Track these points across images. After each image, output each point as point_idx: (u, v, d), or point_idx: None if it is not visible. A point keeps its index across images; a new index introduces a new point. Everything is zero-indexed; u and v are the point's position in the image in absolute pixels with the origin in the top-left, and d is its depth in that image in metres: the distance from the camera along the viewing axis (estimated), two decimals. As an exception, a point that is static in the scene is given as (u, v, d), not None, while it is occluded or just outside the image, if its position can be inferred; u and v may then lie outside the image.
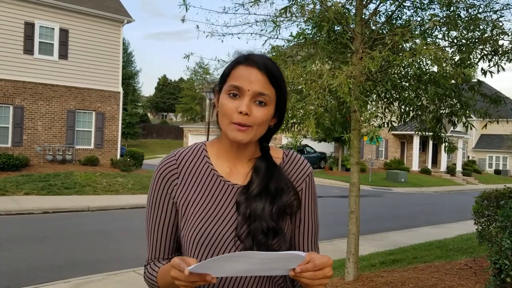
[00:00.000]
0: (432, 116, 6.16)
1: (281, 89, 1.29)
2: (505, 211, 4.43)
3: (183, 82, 60.35)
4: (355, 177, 5.80)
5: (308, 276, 1.08)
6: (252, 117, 1.23)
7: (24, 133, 17.38)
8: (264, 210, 1.25)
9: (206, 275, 1.04)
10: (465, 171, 34.89)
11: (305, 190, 1.38)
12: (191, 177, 1.33)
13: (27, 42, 17.31)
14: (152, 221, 1.35)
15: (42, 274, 6.44)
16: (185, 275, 1.04)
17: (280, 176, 1.33)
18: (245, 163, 1.35)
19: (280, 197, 1.29)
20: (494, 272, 3.98)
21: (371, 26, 5.86)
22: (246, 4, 5.72)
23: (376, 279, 5.70)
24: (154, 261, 1.36)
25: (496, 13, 5.46)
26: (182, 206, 1.31)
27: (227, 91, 1.26)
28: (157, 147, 46.94)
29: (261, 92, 1.24)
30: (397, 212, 15.30)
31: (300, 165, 1.39)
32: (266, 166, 1.32)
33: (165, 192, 1.33)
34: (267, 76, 1.25)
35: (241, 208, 1.27)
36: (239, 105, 1.23)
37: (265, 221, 1.24)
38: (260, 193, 1.28)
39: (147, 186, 16.49)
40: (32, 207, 11.98)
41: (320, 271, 1.09)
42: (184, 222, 1.30)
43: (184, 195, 1.31)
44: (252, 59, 1.26)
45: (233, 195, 1.30)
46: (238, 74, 1.26)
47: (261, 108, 1.25)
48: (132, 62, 53.22)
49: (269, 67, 1.27)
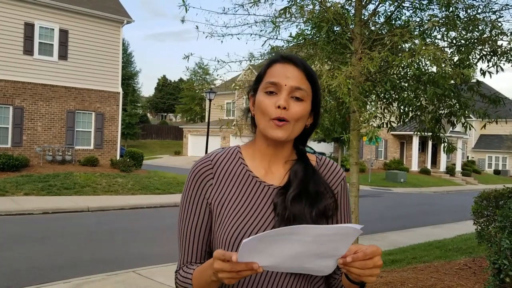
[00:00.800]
0: (431, 117, 6.17)
1: (316, 86, 1.31)
2: (504, 211, 4.44)
3: (183, 83, 60.36)
4: (355, 177, 5.81)
5: (358, 265, 1.05)
6: (290, 112, 1.24)
7: (24, 133, 17.39)
8: (304, 213, 1.25)
9: (253, 263, 1.00)
10: (464, 171, 34.90)
11: (341, 194, 1.39)
12: (226, 178, 1.32)
13: (27, 42, 17.32)
14: (185, 223, 1.33)
15: (42, 274, 6.45)
16: (230, 265, 1.01)
17: (319, 179, 1.33)
18: (280, 165, 1.35)
19: (320, 201, 1.29)
20: (493, 272, 3.99)
21: (370, 27, 5.87)
22: (246, 5, 5.74)
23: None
24: (187, 265, 1.32)
25: (495, 13, 5.47)
26: (217, 207, 1.29)
27: (264, 89, 1.27)
28: (156, 147, 46.94)
29: (298, 87, 1.25)
30: (396, 212, 15.31)
31: (334, 169, 1.40)
32: (305, 169, 1.32)
33: (200, 193, 1.31)
34: (304, 72, 1.27)
35: (279, 209, 1.26)
36: (277, 100, 1.24)
37: (305, 222, 1.23)
38: (299, 195, 1.27)
39: (147, 186, 16.50)
40: (32, 207, 11.98)
41: (370, 260, 1.06)
42: (219, 223, 1.27)
43: (219, 195, 1.30)
44: (287, 57, 1.29)
45: (269, 195, 1.29)
46: (274, 72, 1.27)
47: (299, 103, 1.26)
48: (131, 62, 53.25)
49: (305, 64, 1.30)
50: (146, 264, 7.01)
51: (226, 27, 5.95)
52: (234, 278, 1.03)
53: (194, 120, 57.31)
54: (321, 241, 1.02)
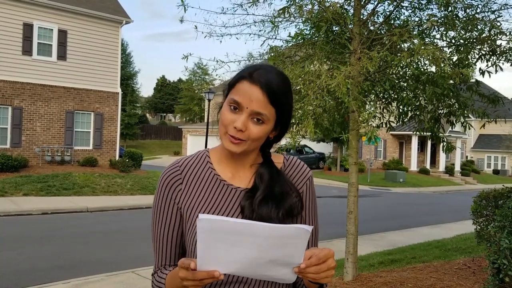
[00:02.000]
0: (430, 116, 6.17)
1: (282, 107, 1.29)
2: (503, 210, 4.44)
3: (182, 83, 60.40)
4: (354, 177, 5.81)
5: (313, 270, 1.09)
6: (247, 133, 1.26)
7: (23, 134, 17.37)
8: (270, 214, 1.28)
9: (214, 271, 1.05)
10: (463, 171, 34.93)
11: (306, 193, 1.42)
12: (194, 182, 1.36)
13: (25, 43, 17.30)
14: (158, 227, 1.37)
15: (41, 274, 6.44)
16: (192, 274, 1.05)
17: (283, 180, 1.36)
18: (247, 169, 1.38)
19: (285, 200, 1.32)
20: (493, 272, 3.99)
21: (369, 27, 5.87)
22: (245, 5, 5.73)
23: (374, 279, 5.71)
24: (161, 269, 1.37)
25: (494, 13, 5.47)
26: (187, 211, 1.33)
27: (228, 103, 1.28)
28: (156, 147, 46.90)
29: (258, 112, 1.25)
30: (395, 212, 15.31)
31: (300, 169, 1.44)
32: (269, 172, 1.36)
33: (170, 198, 1.35)
34: (268, 96, 1.25)
35: (246, 212, 1.29)
36: (236, 119, 1.25)
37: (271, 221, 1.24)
38: (265, 198, 1.30)
39: (146, 187, 16.49)
40: (31, 208, 11.96)
41: (324, 263, 1.10)
42: (189, 226, 1.32)
43: (189, 200, 1.34)
44: (256, 77, 1.26)
45: (236, 198, 1.34)
46: (241, 89, 1.27)
47: (258, 126, 1.26)
48: (130, 62, 53.17)
49: (272, 86, 1.26)
50: (146, 264, 7.00)
51: (225, 27, 5.95)
52: (197, 286, 1.08)
53: (193, 120, 57.29)
54: (275, 244, 1.05)
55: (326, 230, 10.01)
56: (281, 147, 5.53)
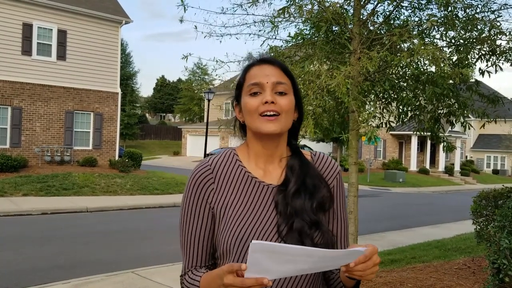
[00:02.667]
0: (430, 116, 6.17)
1: (294, 80, 1.36)
2: (503, 210, 4.44)
3: (182, 83, 60.36)
4: (354, 177, 5.80)
5: (361, 268, 1.10)
6: (278, 105, 1.28)
7: (22, 134, 17.36)
8: (304, 206, 1.29)
9: (263, 278, 1.02)
10: (463, 171, 34.94)
11: (337, 187, 1.42)
12: (226, 181, 1.34)
13: (25, 43, 17.29)
14: (188, 228, 1.35)
15: (41, 274, 6.43)
16: (241, 281, 1.02)
17: (314, 172, 1.37)
18: (276, 164, 1.38)
19: (318, 192, 1.33)
20: (493, 272, 3.99)
21: (369, 27, 5.87)
22: (244, 5, 5.72)
23: (374, 279, 5.71)
24: (192, 270, 1.34)
25: (494, 13, 5.47)
26: (220, 210, 1.32)
27: (247, 92, 1.31)
28: (155, 147, 46.89)
29: (279, 81, 1.30)
30: (395, 212, 15.32)
31: (329, 164, 1.43)
32: (300, 163, 1.36)
33: (202, 198, 1.34)
34: (281, 69, 1.33)
35: (280, 207, 1.29)
36: (263, 98, 1.28)
37: (307, 214, 1.27)
38: (298, 190, 1.31)
39: (145, 187, 16.48)
40: (31, 208, 11.96)
41: (370, 260, 1.11)
42: (223, 225, 1.30)
43: (221, 199, 1.33)
44: (262, 58, 1.35)
45: (269, 194, 1.32)
46: (253, 74, 1.32)
47: (283, 97, 1.30)
48: (130, 62, 53.17)
49: (280, 62, 1.36)
50: (145, 264, 7.00)
51: (225, 27, 5.94)
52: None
53: (193, 120, 57.28)
54: (327, 260, 1.09)
55: (326, 230, 10.01)
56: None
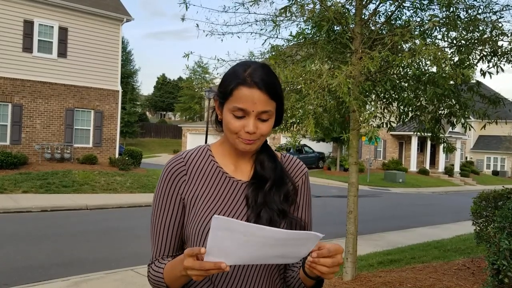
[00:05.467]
0: (431, 117, 6.17)
1: (280, 99, 1.37)
2: (503, 211, 4.44)
3: (182, 81, 60.31)
4: (354, 177, 5.80)
5: (323, 262, 1.13)
6: (258, 132, 1.32)
7: (23, 131, 17.36)
8: (273, 197, 1.35)
9: (221, 263, 1.06)
10: (463, 172, 34.94)
11: (302, 187, 1.46)
12: (198, 174, 1.39)
13: (26, 40, 17.28)
14: (159, 218, 1.39)
15: (41, 272, 6.43)
16: (199, 263, 1.07)
17: (281, 166, 1.43)
18: (247, 161, 1.44)
19: (284, 185, 1.39)
20: (492, 273, 3.99)
21: (370, 26, 5.86)
22: (246, 3, 5.72)
23: (374, 279, 5.71)
24: (159, 259, 1.39)
25: (496, 14, 5.47)
26: (190, 201, 1.36)
27: (231, 111, 1.31)
28: (155, 146, 46.89)
29: (264, 110, 1.31)
30: (395, 212, 15.32)
31: (297, 165, 1.49)
32: (268, 157, 1.42)
33: (173, 189, 1.38)
34: (268, 94, 1.31)
35: (251, 200, 1.35)
36: (245, 125, 1.30)
37: (275, 204, 1.33)
38: (267, 183, 1.37)
39: (145, 185, 16.48)
40: (30, 205, 11.96)
41: (333, 257, 1.14)
42: (192, 217, 1.34)
43: (193, 190, 1.37)
44: (251, 80, 1.29)
45: (238, 189, 1.38)
46: (241, 96, 1.29)
47: (265, 123, 1.33)
48: (131, 60, 53.14)
49: (268, 82, 1.31)
50: (145, 262, 7.00)
51: (227, 26, 5.94)
52: (202, 276, 1.10)
53: (193, 119, 57.26)
54: (285, 244, 1.10)
55: (325, 229, 9.97)
56: (281, 146, 5.54)
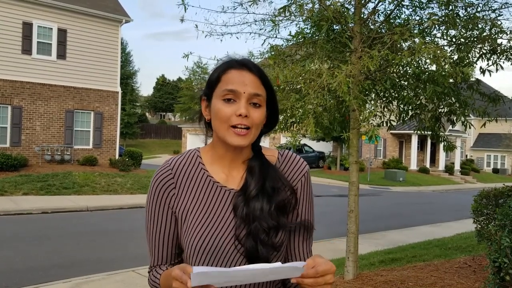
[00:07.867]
0: (431, 115, 6.17)
1: (272, 90, 1.32)
2: (504, 209, 4.44)
3: (182, 82, 60.17)
4: (354, 176, 5.80)
5: (310, 282, 1.08)
6: (251, 119, 1.24)
7: (23, 133, 17.35)
8: (262, 210, 1.25)
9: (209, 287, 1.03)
10: (463, 170, 34.96)
11: (301, 189, 1.37)
12: (187, 185, 1.32)
13: (25, 42, 17.28)
14: (152, 231, 1.35)
15: (42, 273, 6.43)
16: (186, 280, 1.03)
17: (275, 174, 1.32)
18: (240, 168, 1.34)
19: (277, 195, 1.28)
20: (494, 271, 3.99)
21: (370, 25, 5.86)
22: (245, 3, 5.72)
23: (375, 278, 5.71)
24: (156, 268, 1.37)
25: (495, 12, 5.47)
26: (181, 215, 1.31)
27: (221, 96, 1.25)
28: (155, 147, 46.89)
29: (256, 93, 1.25)
30: (395, 211, 15.32)
31: (296, 164, 1.38)
32: (260, 165, 1.32)
33: (163, 202, 1.32)
34: (259, 77, 1.27)
35: (238, 211, 1.26)
36: (236, 109, 1.23)
37: (264, 220, 1.24)
38: (256, 193, 1.27)
39: (146, 186, 16.48)
40: (31, 207, 11.96)
41: (322, 277, 1.09)
42: (185, 230, 1.29)
43: (183, 204, 1.31)
44: (243, 63, 1.28)
45: (230, 199, 1.30)
46: (231, 78, 1.25)
47: (257, 109, 1.26)
48: (130, 62, 53.10)
49: (260, 69, 1.29)
50: (146, 263, 6.99)
51: (226, 26, 5.94)
52: None
53: (192, 120, 57.01)
54: (271, 274, 1.09)
55: (326, 229, 10.01)
56: (281, 146, 5.54)
